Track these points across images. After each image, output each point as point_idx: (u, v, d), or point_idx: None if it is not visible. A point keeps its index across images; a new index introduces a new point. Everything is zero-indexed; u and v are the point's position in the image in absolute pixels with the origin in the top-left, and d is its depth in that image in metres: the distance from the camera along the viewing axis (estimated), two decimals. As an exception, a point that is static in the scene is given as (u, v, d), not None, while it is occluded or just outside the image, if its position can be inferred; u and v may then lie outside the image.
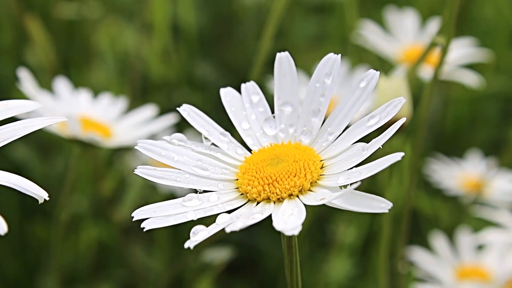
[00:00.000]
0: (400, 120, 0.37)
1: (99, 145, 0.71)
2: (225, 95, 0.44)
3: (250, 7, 1.10)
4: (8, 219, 0.68)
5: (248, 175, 0.39)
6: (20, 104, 0.41)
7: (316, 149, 0.41)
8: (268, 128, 0.43)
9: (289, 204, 0.37)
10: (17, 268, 0.90)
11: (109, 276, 0.91)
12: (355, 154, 0.38)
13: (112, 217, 0.81)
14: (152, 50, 0.99)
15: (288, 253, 0.39)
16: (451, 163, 0.99)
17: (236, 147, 0.43)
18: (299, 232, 0.34)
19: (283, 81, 0.43)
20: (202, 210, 0.38)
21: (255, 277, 0.97)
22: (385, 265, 0.67)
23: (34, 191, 0.36)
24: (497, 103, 1.12)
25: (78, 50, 1.06)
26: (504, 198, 0.94)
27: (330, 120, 0.41)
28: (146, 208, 0.38)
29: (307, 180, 0.38)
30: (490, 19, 1.15)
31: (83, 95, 0.79)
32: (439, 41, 0.60)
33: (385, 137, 0.36)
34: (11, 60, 0.99)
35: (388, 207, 0.35)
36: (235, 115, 0.44)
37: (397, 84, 0.58)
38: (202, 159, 0.42)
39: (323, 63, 0.42)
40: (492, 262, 0.81)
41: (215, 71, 1.07)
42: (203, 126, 0.43)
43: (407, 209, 0.67)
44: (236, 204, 0.39)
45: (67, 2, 1.01)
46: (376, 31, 0.92)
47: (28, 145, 0.93)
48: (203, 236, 0.35)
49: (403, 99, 0.38)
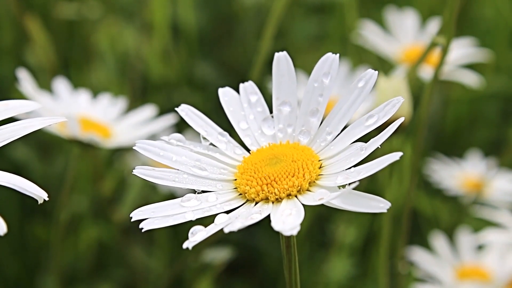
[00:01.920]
0: (399, 119, 0.36)
1: (99, 146, 0.71)
2: (224, 95, 0.44)
3: (250, 7, 1.10)
4: (8, 219, 0.68)
5: (247, 175, 0.39)
6: (19, 105, 0.41)
7: (315, 149, 0.40)
8: (266, 128, 0.43)
9: (288, 204, 0.37)
10: (17, 268, 0.90)
11: (109, 276, 0.91)
12: (353, 154, 0.38)
13: (112, 217, 0.81)
14: (152, 50, 0.99)
15: (287, 253, 0.39)
16: (451, 163, 0.99)
17: (234, 147, 0.43)
18: (297, 232, 0.34)
19: (282, 81, 0.43)
20: (201, 211, 0.38)
21: (255, 277, 0.97)
22: (385, 265, 0.67)
23: (33, 192, 0.35)
24: (497, 103, 1.12)
25: (78, 50, 1.06)
26: (504, 198, 0.94)
27: (328, 120, 0.41)
28: (144, 208, 0.38)
29: (306, 180, 0.38)
30: (490, 19, 1.15)
31: (82, 95, 0.79)
32: (439, 41, 0.60)
33: (383, 137, 0.36)
34: (11, 60, 0.99)
35: (386, 207, 0.35)
36: (234, 115, 0.44)
37: (397, 84, 0.58)
38: (201, 159, 0.42)
39: (322, 62, 0.42)
40: (492, 262, 0.81)
41: (215, 71, 1.07)
42: (201, 126, 0.43)
43: (407, 209, 0.67)
44: (234, 204, 0.39)
45: (67, 2, 1.01)
46: (376, 31, 0.92)
47: (28, 145, 0.93)
48: (201, 237, 0.35)
49: (401, 98, 0.38)
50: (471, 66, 0.93)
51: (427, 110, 0.62)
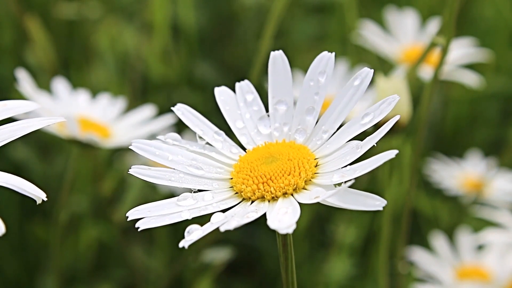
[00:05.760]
0: (394, 117, 0.36)
1: (98, 146, 0.71)
2: (220, 94, 0.44)
3: (250, 7, 1.10)
4: (8, 219, 0.68)
5: (243, 173, 0.39)
6: (19, 105, 0.41)
7: (311, 148, 0.40)
8: (262, 126, 0.43)
9: (284, 202, 0.37)
10: (17, 268, 0.90)
11: (109, 276, 0.91)
12: (349, 152, 0.38)
13: (112, 217, 0.81)
14: (152, 50, 1.00)
15: (283, 252, 0.39)
16: (451, 163, 0.99)
17: (230, 146, 0.43)
18: (294, 230, 0.34)
19: (277, 79, 0.43)
20: (197, 209, 0.38)
21: (255, 277, 0.97)
22: (385, 265, 0.67)
23: (32, 192, 0.35)
24: (497, 103, 1.12)
25: (78, 50, 1.06)
26: (504, 198, 0.93)
27: (324, 118, 0.41)
28: (141, 208, 0.38)
29: (302, 179, 0.38)
30: (490, 19, 1.15)
31: (81, 95, 0.79)
32: (439, 41, 0.60)
33: (379, 135, 0.36)
34: (11, 60, 0.99)
35: (382, 204, 0.35)
36: (230, 114, 0.44)
37: (397, 84, 0.58)
38: (197, 158, 0.42)
39: (317, 61, 0.42)
40: (492, 262, 0.81)
41: (215, 71, 1.07)
42: (197, 126, 0.43)
43: (407, 209, 0.67)
44: (230, 203, 0.39)
45: (67, 2, 1.01)
46: (376, 31, 0.92)
47: (27, 145, 0.93)
48: (197, 235, 0.35)
49: (397, 96, 0.38)
50: (471, 66, 0.93)
51: (427, 110, 0.62)
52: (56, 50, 0.95)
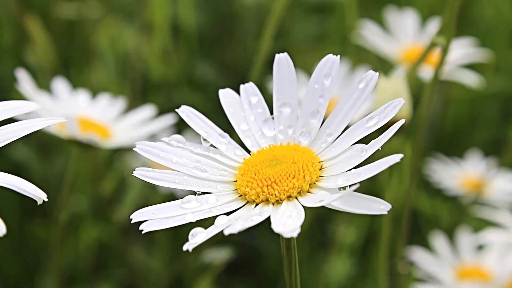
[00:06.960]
0: (400, 121, 0.36)
1: (98, 146, 0.70)
2: (224, 96, 0.44)
3: (250, 7, 1.10)
4: (8, 219, 0.68)
5: (247, 176, 0.39)
6: (19, 105, 0.41)
7: (315, 151, 0.40)
8: (267, 129, 0.43)
9: (288, 206, 0.37)
10: (17, 268, 0.90)
11: (109, 276, 0.91)
12: (354, 155, 0.38)
13: (112, 217, 0.81)
14: (152, 50, 0.99)
15: (287, 255, 0.39)
16: (451, 163, 0.99)
17: (235, 148, 0.42)
18: (298, 234, 0.34)
19: (282, 82, 0.43)
20: (201, 212, 0.38)
21: (255, 277, 0.97)
22: (385, 265, 0.67)
23: (32, 192, 0.35)
24: (497, 103, 1.12)
25: (78, 50, 1.06)
26: (504, 198, 0.94)
27: (329, 121, 0.40)
28: (144, 210, 0.38)
29: (306, 182, 0.38)
30: (490, 19, 1.15)
31: (81, 95, 0.79)
32: (439, 41, 0.60)
33: (384, 139, 0.36)
34: (11, 60, 0.99)
35: (387, 208, 0.35)
36: (234, 116, 0.43)
37: (397, 84, 0.58)
38: (201, 160, 0.41)
39: (322, 64, 0.41)
40: (492, 262, 0.81)
41: (215, 71, 1.07)
42: (201, 128, 0.43)
43: (407, 209, 0.67)
44: (234, 206, 0.39)
45: (67, 2, 1.01)
46: (376, 31, 0.92)
47: (28, 145, 0.93)
48: (201, 239, 0.35)
49: (402, 100, 0.38)
50: (471, 66, 0.93)
51: (427, 110, 0.62)
52: (56, 50, 0.95)
